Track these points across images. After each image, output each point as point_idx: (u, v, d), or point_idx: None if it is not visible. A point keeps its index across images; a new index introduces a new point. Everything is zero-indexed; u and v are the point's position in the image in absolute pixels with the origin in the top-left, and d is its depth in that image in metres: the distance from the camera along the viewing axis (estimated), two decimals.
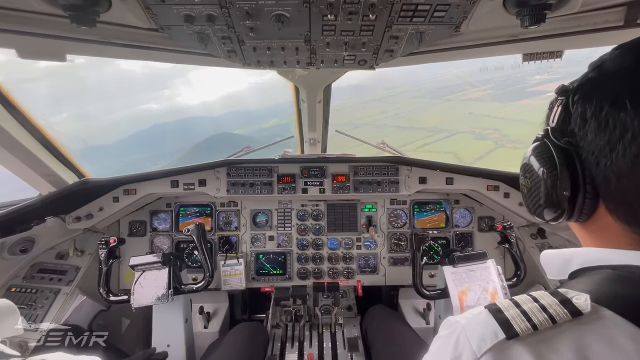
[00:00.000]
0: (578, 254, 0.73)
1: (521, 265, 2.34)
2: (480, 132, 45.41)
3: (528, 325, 0.59)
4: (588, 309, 0.57)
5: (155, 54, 1.63)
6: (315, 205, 3.09)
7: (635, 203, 0.61)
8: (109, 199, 2.79)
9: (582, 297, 0.59)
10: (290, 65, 1.67)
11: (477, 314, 0.68)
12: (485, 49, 1.60)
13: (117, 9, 1.17)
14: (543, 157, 0.74)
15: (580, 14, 1.32)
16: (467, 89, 74.16)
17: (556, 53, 1.53)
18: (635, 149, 0.58)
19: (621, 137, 0.59)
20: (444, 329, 0.72)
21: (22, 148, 2.08)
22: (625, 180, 0.60)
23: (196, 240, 2.36)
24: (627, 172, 0.59)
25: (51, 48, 1.47)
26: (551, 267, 0.80)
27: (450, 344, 0.67)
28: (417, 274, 2.26)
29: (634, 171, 0.58)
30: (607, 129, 0.61)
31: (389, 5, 1.19)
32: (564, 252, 0.76)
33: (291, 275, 3.04)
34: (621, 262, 0.64)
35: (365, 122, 62.53)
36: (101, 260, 2.29)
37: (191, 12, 1.23)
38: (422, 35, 1.39)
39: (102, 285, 2.29)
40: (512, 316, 0.62)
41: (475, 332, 0.64)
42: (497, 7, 1.19)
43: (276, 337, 2.66)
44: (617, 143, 0.60)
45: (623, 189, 0.61)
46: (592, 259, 0.70)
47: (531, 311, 0.61)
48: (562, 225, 2.72)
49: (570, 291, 0.62)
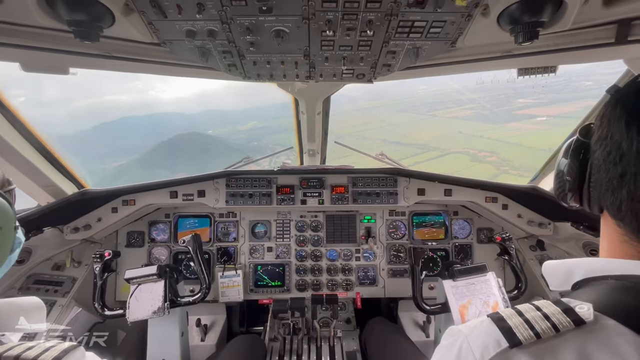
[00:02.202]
0: (581, 264, 0.73)
1: (521, 276, 2.33)
2: (476, 154, 43.79)
3: (531, 333, 0.59)
4: (591, 317, 0.57)
5: (157, 67, 1.65)
6: (314, 216, 3.09)
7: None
8: (107, 210, 2.79)
9: (584, 305, 0.59)
10: (290, 79, 1.70)
11: (480, 322, 0.67)
12: (481, 64, 1.64)
13: (120, 24, 1.19)
14: (567, 148, 0.80)
15: (572, 30, 1.35)
16: (451, 107, 73.11)
17: (550, 68, 1.57)
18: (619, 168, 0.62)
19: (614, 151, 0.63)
20: (446, 338, 0.72)
21: (22, 158, 2.10)
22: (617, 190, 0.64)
23: (192, 251, 2.35)
24: (616, 185, 0.63)
25: (54, 61, 1.50)
26: (554, 278, 0.79)
27: (453, 353, 0.67)
28: (417, 289, 2.25)
29: (619, 185, 0.63)
30: (608, 138, 0.65)
31: (386, 21, 1.23)
32: (567, 263, 0.76)
33: (289, 287, 3.02)
34: (624, 271, 0.64)
35: (347, 132, 60.69)
36: (95, 274, 2.26)
37: (192, 27, 1.26)
38: (419, 50, 1.42)
39: (96, 299, 2.26)
40: (515, 324, 0.62)
41: (478, 340, 0.64)
42: (491, 23, 1.23)
43: (274, 350, 2.62)
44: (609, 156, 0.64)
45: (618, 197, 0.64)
46: (595, 268, 0.70)
47: (534, 319, 0.61)
48: (561, 237, 2.73)
49: (573, 300, 0.62)
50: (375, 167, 2.93)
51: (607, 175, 0.65)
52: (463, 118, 63.07)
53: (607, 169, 0.65)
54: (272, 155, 3.61)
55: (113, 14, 1.13)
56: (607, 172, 0.65)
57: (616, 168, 0.62)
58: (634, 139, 0.59)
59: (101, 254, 2.27)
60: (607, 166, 0.65)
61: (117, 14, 1.13)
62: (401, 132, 59.35)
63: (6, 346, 0.78)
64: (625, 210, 0.63)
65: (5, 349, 0.76)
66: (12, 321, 0.91)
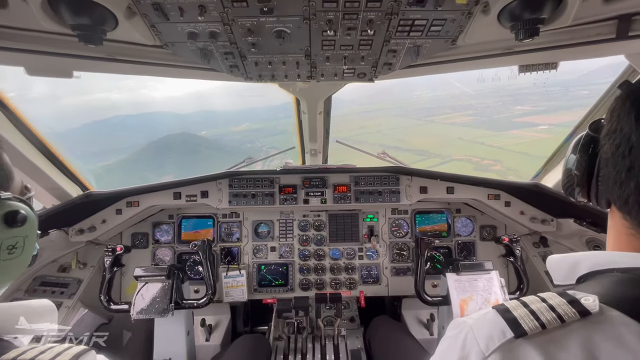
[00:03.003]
0: (586, 257, 0.73)
1: (524, 279, 2.35)
2: (479, 162, 41.30)
3: (536, 323, 0.59)
4: (596, 308, 0.58)
5: (159, 69, 1.67)
6: (317, 215, 3.10)
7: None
8: (111, 211, 2.81)
9: (590, 297, 0.60)
10: (291, 79, 1.70)
11: (485, 313, 0.68)
12: (482, 61, 1.64)
13: (123, 27, 1.20)
14: (576, 143, 0.81)
15: (573, 26, 1.35)
16: (448, 112, 70.58)
17: (551, 64, 1.57)
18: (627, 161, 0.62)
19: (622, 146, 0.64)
20: (450, 330, 0.72)
21: (27, 161, 2.12)
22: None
23: (202, 256, 2.38)
24: (625, 178, 0.64)
25: (58, 65, 1.51)
26: (558, 272, 0.80)
27: (457, 343, 0.67)
28: (420, 279, 2.26)
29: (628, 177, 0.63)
30: (617, 132, 0.66)
31: (386, 20, 1.23)
32: (571, 256, 0.77)
33: (293, 286, 3.03)
34: (630, 264, 0.65)
35: (344, 135, 57.65)
36: (105, 267, 2.31)
37: (194, 29, 1.27)
38: (420, 48, 1.42)
39: (103, 292, 2.30)
40: (520, 315, 0.62)
41: (483, 331, 0.64)
42: (491, 21, 1.23)
43: (278, 349, 2.63)
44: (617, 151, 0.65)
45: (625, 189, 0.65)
46: (600, 261, 0.70)
47: (539, 310, 0.61)
48: (564, 233, 2.72)
49: (578, 292, 0.63)
50: (377, 166, 2.94)
51: (615, 168, 0.66)
52: (462, 124, 61.00)
53: (616, 162, 0.65)
54: (274, 155, 3.62)
55: (116, 17, 1.14)
56: (616, 165, 0.65)
57: (624, 161, 0.63)
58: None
59: (113, 248, 2.34)
60: (615, 159, 0.65)
61: (120, 17, 1.15)
62: (399, 136, 57.61)
63: (19, 350, 0.79)
64: (632, 203, 0.63)
65: (19, 353, 0.77)
66: (25, 324, 0.93)
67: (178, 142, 64.09)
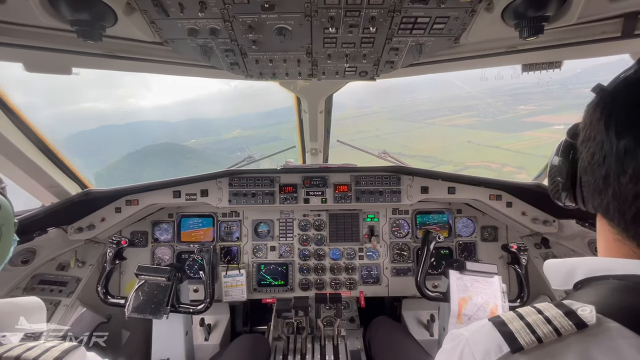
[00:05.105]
0: (582, 264, 0.72)
1: (526, 288, 2.35)
2: (500, 169, 36.52)
3: (532, 337, 0.58)
4: (593, 320, 0.56)
5: (159, 66, 1.65)
6: (317, 215, 3.08)
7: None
8: (110, 209, 2.79)
9: (587, 308, 0.59)
10: (292, 77, 1.69)
11: (481, 326, 0.67)
12: (485, 60, 1.62)
13: (123, 23, 1.19)
14: (557, 148, 0.80)
15: (578, 25, 1.34)
16: (448, 114, 67.40)
17: (555, 63, 1.55)
18: (604, 170, 0.62)
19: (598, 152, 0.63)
20: (447, 342, 0.72)
21: (26, 159, 2.10)
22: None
23: (205, 263, 2.37)
24: (602, 184, 0.63)
25: (57, 61, 1.50)
26: (554, 277, 0.79)
27: (454, 357, 0.66)
28: (422, 271, 2.25)
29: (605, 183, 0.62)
30: (591, 140, 0.65)
31: (388, 17, 1.22)
32: (568, 262, 0.76)
33: (293, 286, 3.02)
34: (625, 271, 0.63)
35: (341, 139, 56.05)
36: (107, 258, 2.30)
37: (195, 26, 1.25)
38: (422, 46, 1.41)
39: (101, 284, 2.29)
40: (516, 329, 0.61)
41: (479, 345, 0.63)
42: (495, 18, 1.21)
43: (277, 350, 2.62)
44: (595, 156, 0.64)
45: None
46: (596, 268, 0.69)
47: (535, 323, 0.60)
48: (566, 234, 2.71)
49: (575, 302, 0.62)
50: (378, 166, 2.92)
51: (593, 176, 0.65)
52: (465, 126, 58.35)
53: (593, 170, 0.65)
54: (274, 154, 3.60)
55: (115, 13, 1.13)
56: (593, 174, 0.65)
57: (600, 170, 0.62)
58: (613, 141, 0.59)
59: (118, 240, 2.33)
60: (592, 167, 0.65)
61: (119, 13, 1.13)
62: (400, 141, 54.31)
63: (6, 347, 0.78)
64: (612, 211, 0.62)
65: (5, 350, 0.76)
66: (13, 321, 0.91)
67: (157, 153, 58.67)
